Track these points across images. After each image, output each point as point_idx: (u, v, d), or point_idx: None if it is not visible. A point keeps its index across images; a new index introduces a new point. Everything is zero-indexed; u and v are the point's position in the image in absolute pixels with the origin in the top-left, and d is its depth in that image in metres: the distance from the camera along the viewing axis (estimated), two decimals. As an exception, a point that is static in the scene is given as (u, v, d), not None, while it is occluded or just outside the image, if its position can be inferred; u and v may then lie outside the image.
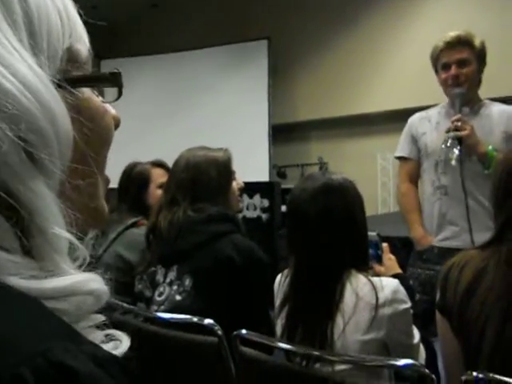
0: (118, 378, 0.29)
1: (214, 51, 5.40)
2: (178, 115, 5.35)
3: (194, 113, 5.29)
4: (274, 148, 5.12)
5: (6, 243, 0.32)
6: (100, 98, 0.44)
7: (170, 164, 2.06)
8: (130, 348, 0.37)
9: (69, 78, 0.38)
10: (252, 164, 4.50)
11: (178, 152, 1.67)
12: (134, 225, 1.91)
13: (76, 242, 0.35)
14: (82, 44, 0.42)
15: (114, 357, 0.32)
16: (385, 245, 1.49)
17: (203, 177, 1.53)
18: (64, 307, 0.32)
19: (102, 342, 0.36)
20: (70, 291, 0.33)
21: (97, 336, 0.36)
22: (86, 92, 0.42)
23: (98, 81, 0.44)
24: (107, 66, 5.68)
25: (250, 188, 3.95)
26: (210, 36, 5.48)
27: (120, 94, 0.45)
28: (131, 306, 1.53)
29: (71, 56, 0.40)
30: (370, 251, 1.40)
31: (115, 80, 0.43)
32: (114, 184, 2.14)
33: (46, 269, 0.33)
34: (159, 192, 2.01)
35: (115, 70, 0.43)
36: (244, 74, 5.24)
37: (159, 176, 2.08)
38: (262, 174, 4.90)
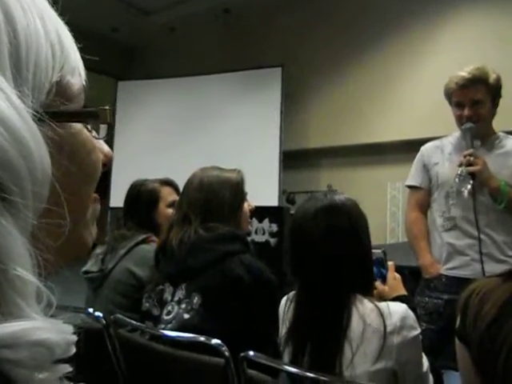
0: None
1: (228, 77, 5.49)
2: (189, 137, 5.40)
3: (206, 136, 5.34)
4: (284, 174, 5.15)
5: None
6: (93, 134, 0.42)
7: (178, 183, 2.07)
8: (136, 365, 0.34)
9: (54, 112, 0.35)
10: (262, 189, 4.50)
11: (187, 173, 1.67)
12: (144, 241, 1.91)
13: (41, 286, 0.32)
14: (76, 76, 0.40)
15: None
16: (390, 263, 1.42)
17: (216, 196, 1.54)
18: (17, 357, 0.28)
19: None
20: (10, 341, 0.28)
21: None
22: (74, 127, 0.39)
23: (84, 116, 0.41)
24: (123, 87, 5.81)
25: (260, 212, 3.95)
26: (225, 62, 5.58)
27: (110, 130, 0.42)
28: (139, 324, 1.52)
29: (60, 89, 0.38)
30: (374, 269, 1.32)
31: (103, 117, 0.41)
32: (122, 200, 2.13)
33: (7, 312, 0.29)
34: (169, 211, 2.01)
35: (105, 108, 0.41)
36: (257, 100, 5.31)
37: (168, 194, 2.08)
38: (271, 199, 4.90)
